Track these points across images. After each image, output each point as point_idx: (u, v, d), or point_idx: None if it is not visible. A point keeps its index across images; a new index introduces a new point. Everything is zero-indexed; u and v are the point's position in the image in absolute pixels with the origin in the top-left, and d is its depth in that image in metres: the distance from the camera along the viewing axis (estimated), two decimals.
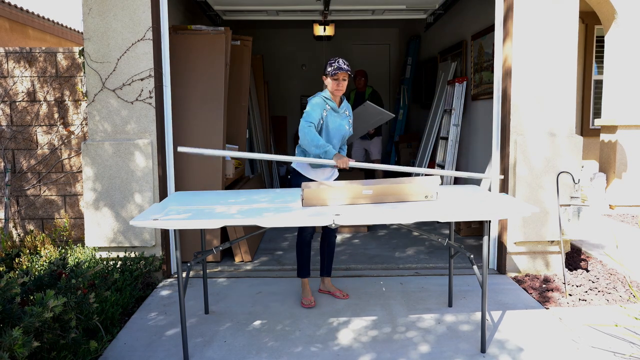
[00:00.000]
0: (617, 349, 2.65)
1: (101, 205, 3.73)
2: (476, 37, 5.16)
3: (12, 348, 1.99)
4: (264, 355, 2.67)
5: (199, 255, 2.80)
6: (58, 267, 2.92)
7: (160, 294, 3.55)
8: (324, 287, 3.51)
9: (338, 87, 3.17)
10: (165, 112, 3.83)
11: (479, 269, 2.71)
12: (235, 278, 3.87)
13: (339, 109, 3.24)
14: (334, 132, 3.22)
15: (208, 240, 4.18)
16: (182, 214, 2.56)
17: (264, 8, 5.92)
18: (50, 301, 2.22)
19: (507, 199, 2.76)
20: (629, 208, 5.95)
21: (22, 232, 4.43)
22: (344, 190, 2.63)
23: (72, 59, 4.32)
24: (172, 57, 3.93)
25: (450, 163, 5.47)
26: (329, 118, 3.20)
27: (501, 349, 2.70)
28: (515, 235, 3.77)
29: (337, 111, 3.23)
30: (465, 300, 3.35)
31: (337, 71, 3.13)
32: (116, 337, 2.90)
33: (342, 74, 3.14)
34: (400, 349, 2.72)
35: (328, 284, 3.50)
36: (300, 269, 3.38)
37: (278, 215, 2.48)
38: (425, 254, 4.40)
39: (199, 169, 4.21)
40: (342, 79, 3.15)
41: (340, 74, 3.13)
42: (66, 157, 4.40)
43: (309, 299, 3.32)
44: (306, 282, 3.38)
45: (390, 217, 2.50)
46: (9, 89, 4.33)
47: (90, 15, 3.65)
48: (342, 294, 3.42)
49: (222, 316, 3.17)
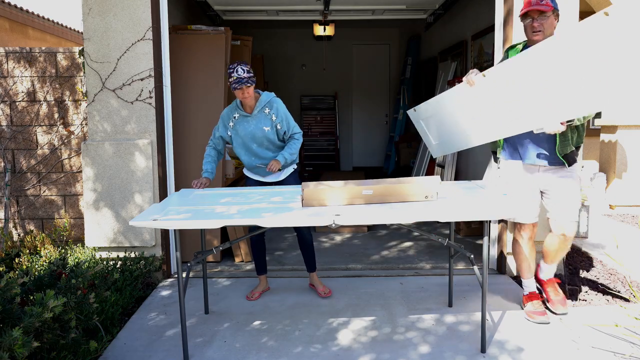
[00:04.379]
0: (617, 349, 2.64)
1: (101, 206, 3.73)
2: (476, 37, 5.16)
3: (12, 348, 1.99)
4: (264, 355, 2.67)
5: (199, 255, 2.80)
6: (58, 267, 2.92)
7: (160, 294, 3.55)
8: (311, 281, 3.56)
9: (244, 96, 3.06)
10: (165, 112, 3.83)
11: (479, 269, 2.71)
12: (235, 278, 3.87)
13: (252, 113, 3.17)
14: (247, 139, 3.20)
15: (208, 240, 4.18)
16: (182, 214, 2.56)
17: (264, 8, 5.92)
18: (50, 301, 2.22)
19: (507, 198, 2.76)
20: (629, 208, 5.95)
21: (22, 232, 4.43)
22: (344, 190, 2.63)
23: (72, 59, 4.32)
24: (172, 57, 3.93)
25: (450, 163, 5.47)
26: (239, 125, 3.20)
27: (501, 349, 2.69)
28: None
29: (250, 115, 3.17)
30: (465, 300, 3.34)
31: (237, 85, 2.99)
32: (116, 337, 2.90)
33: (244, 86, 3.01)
34: (400, 349, 2.72)
35: (312, 279, 3.54)
36: (255, 267, 3.56)
37: (278, 215, 2.48)
38: (425, 254, 4.40)
39: (199, 169, 4.18)
40: (245, 88, 3.02)
41: (242, 86, 3.01)
42: (66, 157, 4.40)
43: (252, 293, 3.48)
44: (260, 278, 3.56)
45: (390, 217, 2.50)
46: (9, 89, 4.33)
47: (90, 15, 3.65)
48: (323, 291, 3.45)
49: (222, 316, 3.17)
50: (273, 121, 3.20)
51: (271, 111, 3.20)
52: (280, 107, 3.23)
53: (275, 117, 3.19)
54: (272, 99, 3.23)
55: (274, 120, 3.20)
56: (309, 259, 3.51)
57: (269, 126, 3.20)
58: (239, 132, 3.20)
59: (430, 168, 6.05)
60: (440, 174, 5.57)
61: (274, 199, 2.85)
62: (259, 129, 3.18)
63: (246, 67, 3.04)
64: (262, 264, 3.54)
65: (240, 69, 3.01)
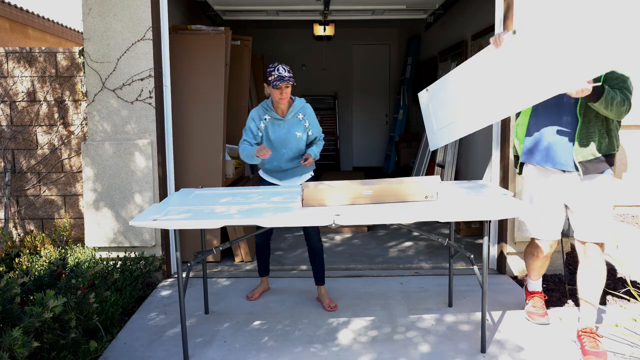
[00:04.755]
0: (617, 349, 2.64)
1: (101, 206, 3.73)
2: (476, 37, 5.16)
3: (12, 348, 1.99)
4: (264, 356, 2.67)
5: (199, 255, 2.80)
6: (58, 267, 2.92)
7: (160, 294, 3.55)
8: (318, 296, 3.38)
9: (281, 96, 3.02)
10: (165, 112, 3.83)
11: (479, 269, 2.71)
12: (235, 278, 3.87)
13: (285, 117, 3.13)
14: (278, 143, 3.14)
15: (208, 240, 4.18)
16: (182, 214, 2.56)
17: (264, 8, 5.92)
18: (50, 301, 2.22)
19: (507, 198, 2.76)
20: (629, 208, 5.95)
21: (22, 232, 4.43)
22: (344, 190, 2.62)
23: (72, 59, 4.32)
24: (172, 57, 3.93)
25: (450, 163, 5.47)
26: (270, 128, 3.13)
27: (501, 349, 2.69)
28: (515, 235, 3.77)
29: (282, 119, 3.12)
30: (465, 300, 3.34)
31: (278, 82, 2.97)
32: (116, 337, 2.90)
33: (284, 84, 2.99)
34: (400, 349, 2.72)
35: (319, 293, 3.36)
36: (258, 268, 3.54)
37: (278, 215, 2.48)
38: (425, 254, 4.40)
39: (199, 169, 4.21)
40: (285, 87, 3.01)
41: (283, 85, 2.99)
42: (66, 157, 4.40)
43: (252, 293, 3.47)
44: (262, 279, 3.54)
45: (390, 217, 2.50)
46: (9, 89, 4.33)
47: (90, 15, 3.65)
48: (329, 305, 3.25)
49: (222, 316, 3.17)
50: (306, 127, 3.19)
51: (305, 117, 3.19)
52: (312, 114, 3.23)
53: (308, 124, 3.19)
54: (305, 104, 3.22)
55: (306, 127, 3.19)
56: (317, 270, 3.32)
57: (302, 132, 3.17)
58: (270, 135, 3.14)
59: (430, 168, 6.04)
60: (440, 174, 5.57)
61: (274, 199, 2.85)
62: (292, 134, 3.14)
63: (287, 67, 3.04)
64: (266, 267, 3.51)
65: (282, 68, 3.00)
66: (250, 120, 3.16)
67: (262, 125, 3.14)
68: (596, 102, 2.37)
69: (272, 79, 2.99)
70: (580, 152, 2.54)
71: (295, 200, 2.74)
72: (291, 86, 3.04)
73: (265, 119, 3.14)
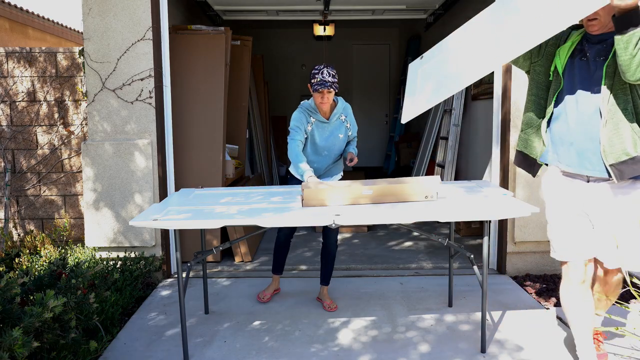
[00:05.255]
0: (617, 349, 2.64)
1: (101, 206, 3.73)
2: None
3: (12, 348, 1.99)
4: (264, 356, 2.66)
5: (199, 255, 2.80)
6: (58, 267, 2.92)
7: (160, 294, 3.55)
8: (319, 295, 3.39)
9: (322, 100, 2.98)
10: (165, 112, 3.83)
11: (479, 269, 2.71)
12: (235, 278, 3.87)
13: (328, 119, 3.09)
14: (323, 145, 3.11)
15: (208, 240, 4.18)
16: (182, 214, 2.56)
17: (264, 8, 5.92)
18: (50, 301, 2.22)
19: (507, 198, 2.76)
20: None
21: (22, 232, 4.43)
22: (344, 190, 2.63)
23: (72, 59, 4.32)
24: (172, 57, 3.93)
25: (451, 163, 5.47)
26: (316, 131, 3.08)
27: (501, 349, 2.70)
28: (515, 235, 3.77)
29: (327, 122, 3.09)
30: (465, 300, 3.34)
31: (319, 87, 2.91)
32: (116, 337, 2.90)
33: (325, 90, 2.92)
34: (400, 349, 2.72)
35: (321, 293, 3.36)
36: (273, 265, 3.44)
37: (278, 215, 2.48)
38: (425, 254, 4.40)
39: (199, 169, 4.21)
40: (327, 92, 2.95)
41: (325, 90, 2.92)
42: (66, 157, 4.40)
43: (264, 294, 3.40)
44: (275, 278, 3.46)
45: (390, 217, 2.50)
46: (9, 89, 4.33)
47: (90, 15, 3.65)
48: (329, 305, 3.25)
49: (222, 316, 3.17)
50: (347, 128, 3.18)
51: (347, 118, 3.17)
52: (351, 113, 3.23)
53: (349, 125, 3.19)
54: (346, 105, 3.21)
55: (348, 128, 3.18)
56: (326, 271, 3.34)
57: (343, 133, 3.16)
58: (315, 137, 3.09)
59: (430, 168, 6.04)
60: (440, 174, 5.57)
61: (274, 199, 2.85)
62: (335, 136, 3.13)
63: (332, 72, 2.95)
64: (281, 265, 3.43)
65: (326, 72, 2.92)
66: (297, 121, 3.05)
67: (308, 127, 3.08)
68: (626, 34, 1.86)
69: (315, 81, 2.93)
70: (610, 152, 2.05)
71: (296, 200, 2.74)
72: (334, 91, 2.97)
73: (311, 122, 3.08)
